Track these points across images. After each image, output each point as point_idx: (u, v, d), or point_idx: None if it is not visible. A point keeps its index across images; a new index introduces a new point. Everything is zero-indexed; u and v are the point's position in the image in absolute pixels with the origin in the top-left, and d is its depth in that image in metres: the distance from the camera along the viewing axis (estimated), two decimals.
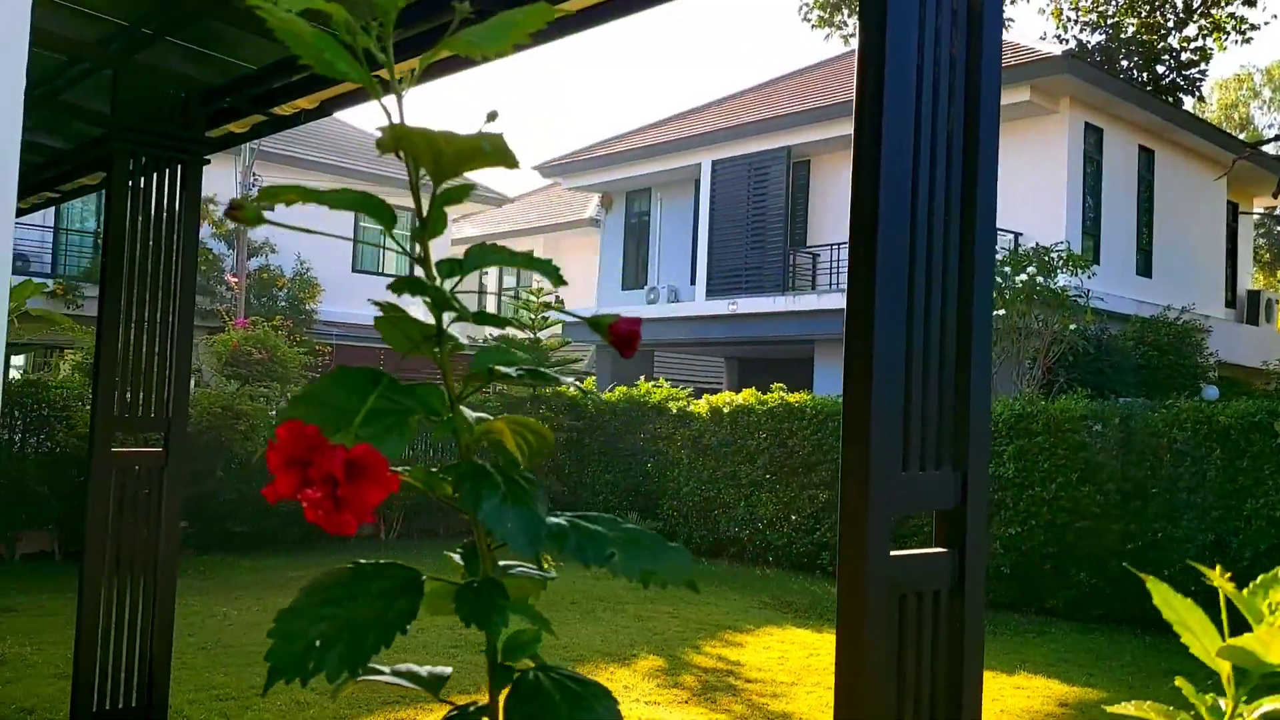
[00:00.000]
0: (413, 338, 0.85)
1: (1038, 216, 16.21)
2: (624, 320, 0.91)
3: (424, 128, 0.85)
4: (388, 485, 0.74)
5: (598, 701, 0.81)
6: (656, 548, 0.90)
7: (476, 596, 0.82)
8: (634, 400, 14.49)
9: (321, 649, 0.73)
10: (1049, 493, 9.93)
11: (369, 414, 0.74)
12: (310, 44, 0.81)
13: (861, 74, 2.29)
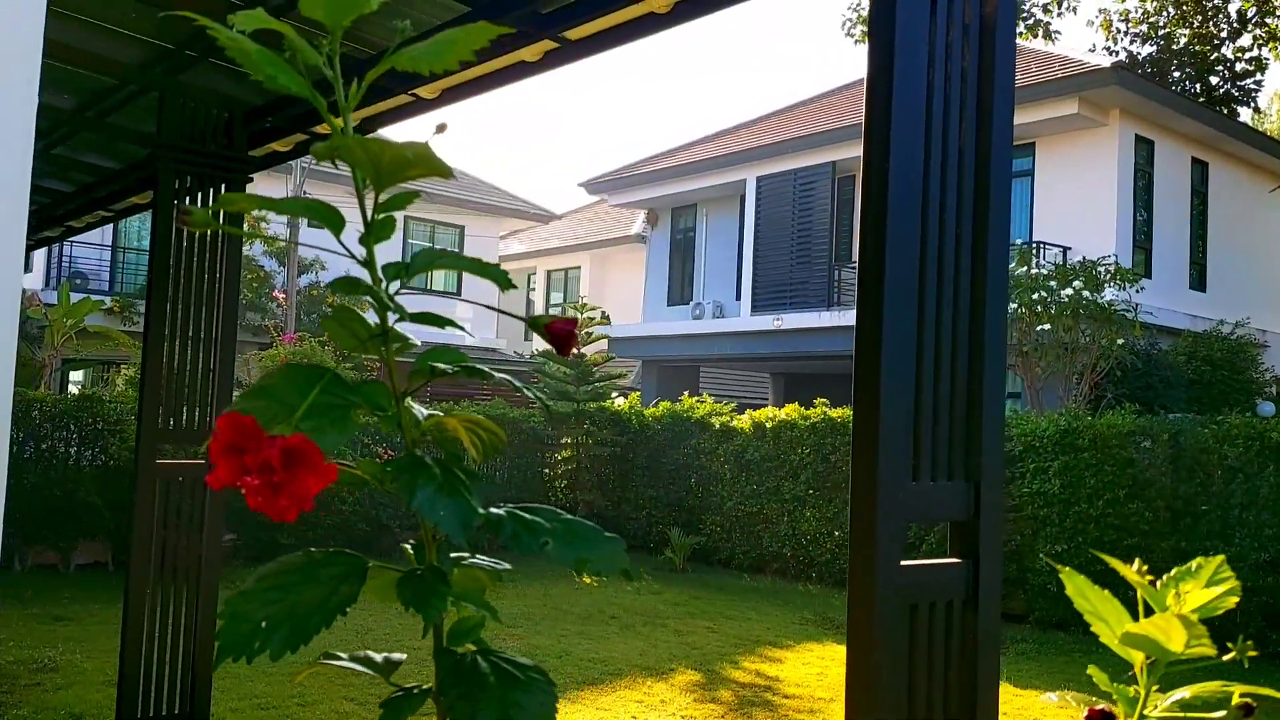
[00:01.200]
0: (360, 336, 0.88)
1: (1087, 230, 16.01)
2: (560, 320, 0.94)
3: (361, 137, 0.89)
4: (326, 475, 0.77)
5: (534, 684, 0.84)
6: (592, 537, 0.93)
7: (418, 584, 0.85)
8: (677, 415, 14.50)
9: (267, 630, 0.76)
10: (1096, 509, 9.78)
11: (311, 407, 0.78)
12: (255, 61, 0.85)
13: (871, 87, 2.31)
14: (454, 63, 0.95)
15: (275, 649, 0.76)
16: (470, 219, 26.22)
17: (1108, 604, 0.99)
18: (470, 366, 0.92)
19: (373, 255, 0.90)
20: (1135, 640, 0.97)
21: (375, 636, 8.50)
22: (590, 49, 4.31)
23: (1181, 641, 0.96)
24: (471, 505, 0.82)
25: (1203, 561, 1.02)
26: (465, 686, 0.82)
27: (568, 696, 6.96)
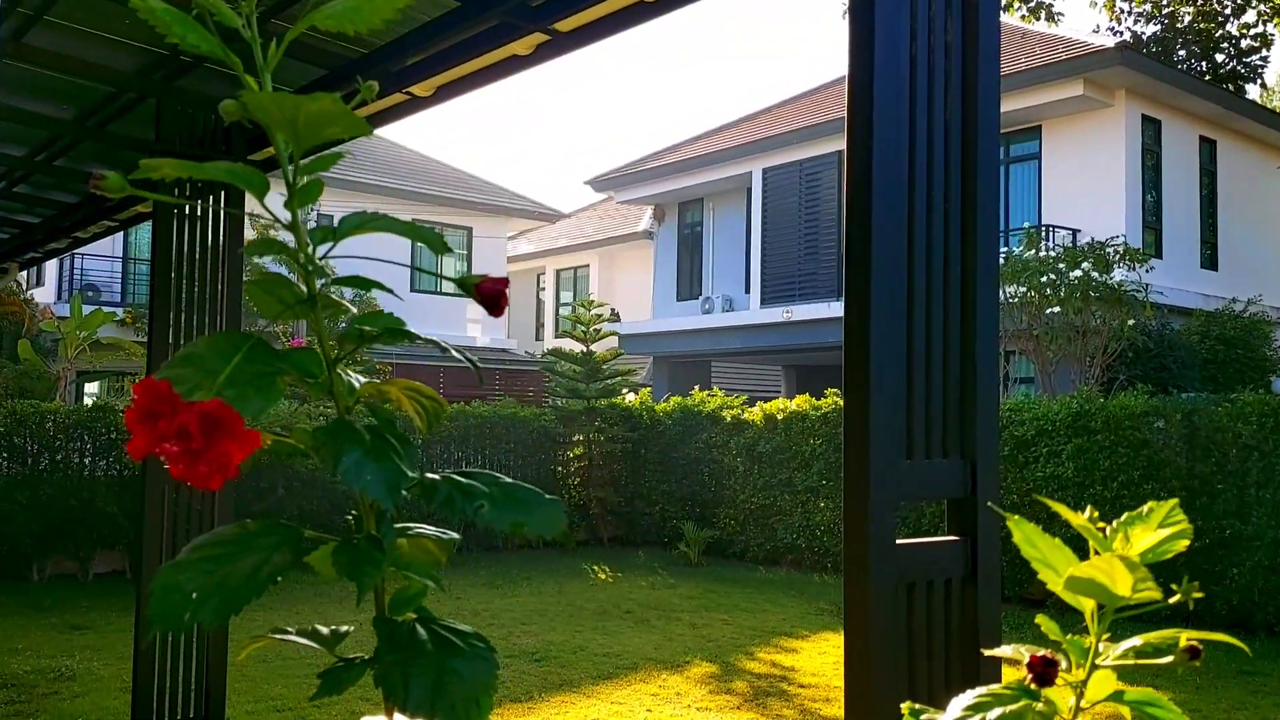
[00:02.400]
0: (285, 301, 0.88)
1: (1096, 212, 15.93)
2: (489, 280, 0.93)
3: (275, 94, 0.87)
4: (249, 442, 0.77)
5: (474, 651, 0.83)
6: (530, 500, 0.92)
7: (352, 552, 0.84)
8: (688, 409, 14.49)
9: (198, 601, 0.76)
10: (1111, 492, 9.72)
11: (235, 374, 0.77)
12: (163, 20, 0.84)
13: (853, 59, 2.29)
14: (378, 20, 0.93)
15: (206, 619, 0.76)
16: (478, 220, 26.25)
17: (1057, 552, 0.97)
18: (397, 330, 0.91)
19: (297, 218, 0.90)
20: (1079, 584, 0.96)
21: None
22: (581, 40, 4.31)
23: (1127, 584, 0.94)
24: (400, 470, 0.81)
25: (1154, 505, 1.01)
26: (402, 654, 0.81)
27: (582, 691, 6.96)
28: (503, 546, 14.16)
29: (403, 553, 0.89)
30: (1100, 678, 0.99)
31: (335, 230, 0.89)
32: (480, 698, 0.80)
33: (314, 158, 0.92)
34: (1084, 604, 0.98)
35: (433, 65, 4.78)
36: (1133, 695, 0.99)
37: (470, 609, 9.90)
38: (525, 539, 14.36)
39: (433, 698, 0.78)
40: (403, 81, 4.99)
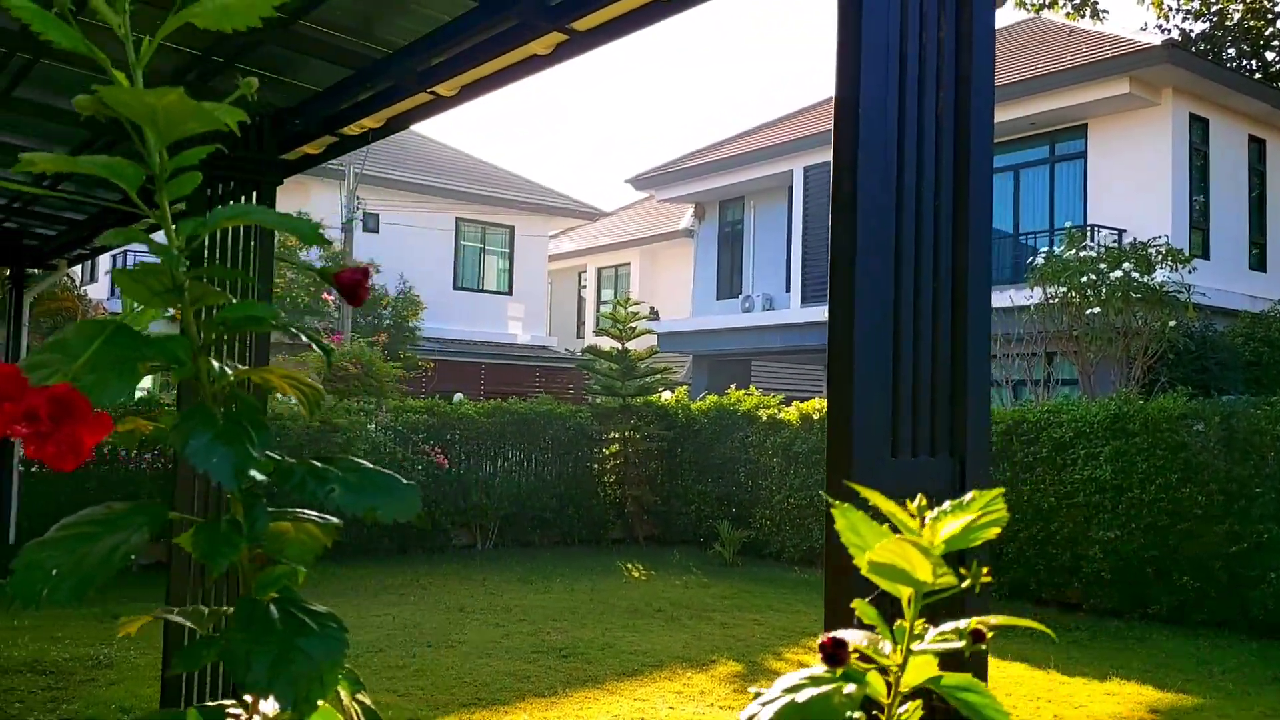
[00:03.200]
0: (153, 289, 0.91)
1: (1142, 212, 15.69)
2: (348, 269, 0.96)
3: (139, 89, 0.90)
4: (100, 426, 0.80)
5: (325, 630, 0.86)
6: (386, 485, 0.95)
7: (210, 533, 0.88)
8: (724, 409, 14.48)
9: (56, 579, 0.79)
10: (1149, 495, 9.58)
11: (95, 360, 0.81)
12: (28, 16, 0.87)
13: (840, 53, 2.30)
14: (254, 18, 0.96)
15: (62, 598, 0.79)
16: (520, 219, 26.41)
17: (880, 539, 0.98)
18: (255, 318, 0.94)
19: (165, 210, 0.93)
20: (882, 569, 0.97)
21: (422, 630, 8.61)
22: (599, 39, 4.34)
23: (926, 570, 0.95)
24: (248, 453, 0.84)
25: (977, 494, 1.01)
26: (252, 631, 0.84)
27: (606, 687, 7.00)
28: (538, 543, 14.25)
29: (287, 537, 0.92)
30: (919, 663, 1.00)
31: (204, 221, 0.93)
32: (325, 675, 0.83)
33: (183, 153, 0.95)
34: (900, 590, 1.00)
35: (455, 65, 4.83)
36: (949, 680, 1.00)
37: (503, 604, 9.98)
38: (559, 536, 14.44)
39: (271, 675, 0.81)
40: (427, 81, 5.05)
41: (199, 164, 4.08)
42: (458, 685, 6.91)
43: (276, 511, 0.94)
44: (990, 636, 1.02)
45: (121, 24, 0.90)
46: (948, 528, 0.98)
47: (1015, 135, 17.67)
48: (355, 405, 12.72)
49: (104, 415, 0.81)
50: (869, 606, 1.05)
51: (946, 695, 0.99)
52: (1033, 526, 10.40)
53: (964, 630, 0.99)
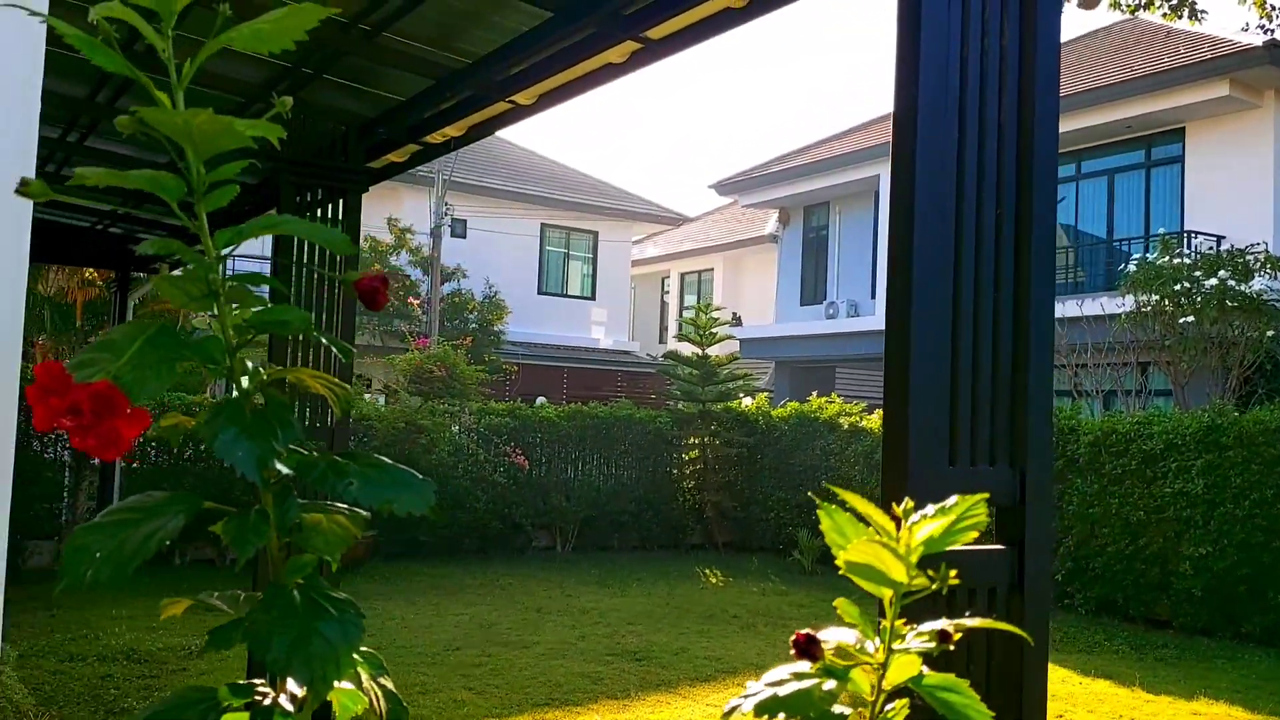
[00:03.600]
0: (191, 294, 0.97)
1: (1242, 219, 15.17)
2: (367, 276, 1.01)
3: (180, 110, 0.96)
4: (138, 420, 0.87)
5: (343, 616, 0.91)
6: (403, 480, 1.00)
7: (240, 522, 0.93)
8: (805, 416, 14.39)
9: (99, 561, 0.86)
10: (1242, 510, 9.27)
11: (135, 357, 0.87)
12: (77, 43, 0.93)
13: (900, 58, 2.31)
14: (288, 41, 1.01)
15: (104, 578, 0.85)
16: (604, 224, 26.59)
17: (864, 543, 1.00)
18: (279, 321, 0.99)
19: (203, 220, 0.99)
20: (858, 569, 0.98)
21: (499, 630, 8.74)
22: (672, 47, 4.38)
23: (900, 570, 0.96)
24: (271, 447, 0.90)
25: (961, 499, 1.02)
26: (274, 614, 0.90)
27: (679, 692, 7.02)
28: (617, 546, 14.33)
29: (320, 528, 0.98)
30: (903, 662, 1.01)
31: (240, 232, 0.99)
32: (341, 657, 0.88)
33: (221, 167, 1.00)
34: (882, 592, 1.01)
35: (533, 74, 4.93)
36: (931, 680, 1.01)
37: (579, 606, 10.07)
38: (637, 540, 14.51)
39: (290, 654, 0.86)
40: (506, 90, 5.15)
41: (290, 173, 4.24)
42: (532, 685, 7.00)
43: (309, 504, 1.00)
44: (958, 638, 1.03)
45: (165, 49, 0.97)
46: (924, 530, 1.00)
47: (1110, 139, 17.25)
48: (440, 407, 12.95)
49: (142, 411, 0.87)
50: (850, 605, 1.07)
51: (926, 695, 1.00)
52: (1121, 541, 10.14)
53: (934, 632, 1.00)
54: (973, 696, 1.00)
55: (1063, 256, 18.23)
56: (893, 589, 1.00)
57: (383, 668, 1.07)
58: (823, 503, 1.07)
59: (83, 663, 7.08)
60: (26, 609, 8.62)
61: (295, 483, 0.97)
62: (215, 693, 0.96)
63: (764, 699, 0.97)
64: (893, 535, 1.00)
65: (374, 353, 20.67)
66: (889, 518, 1.03)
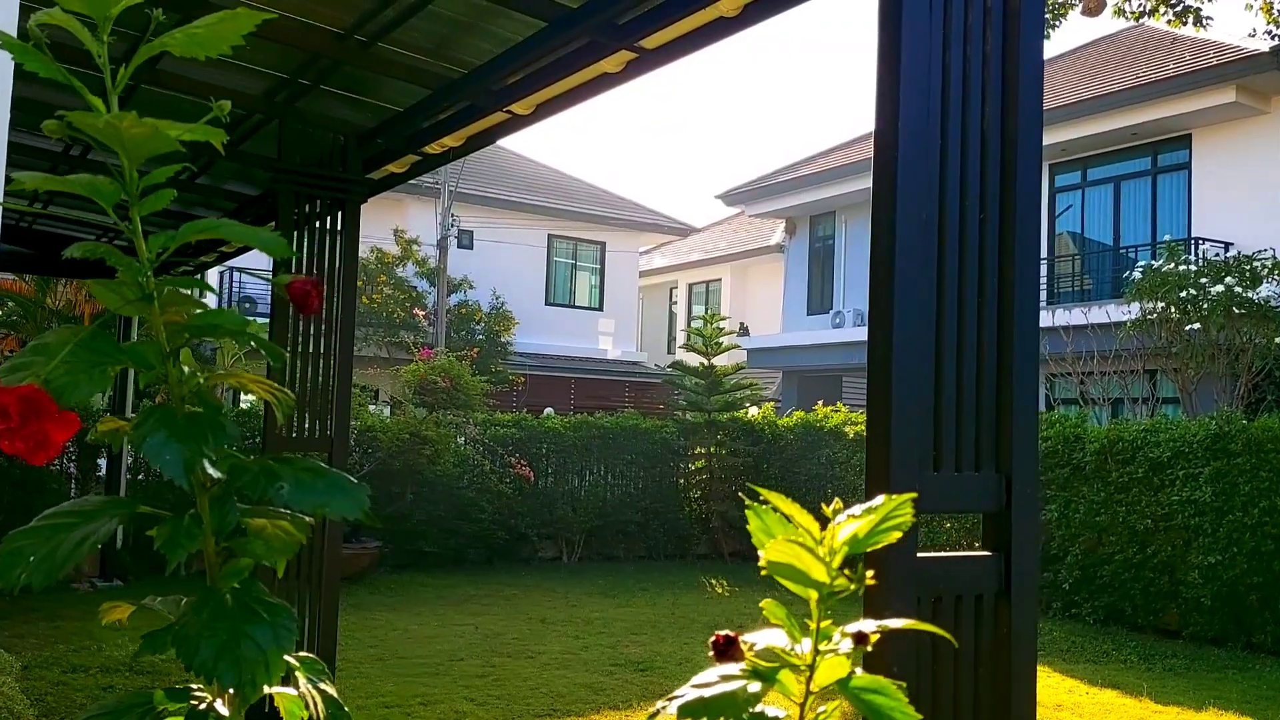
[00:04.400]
0: (125, 297, 0.96)
1: (1250, 225, 15.12)
2: (299, 280, 1.00)
3: (113, 114, 0.95)
4: (68, 424, 0.86)
5: (275, 620, 0.90)
6: (337, 484, 0.98)
7: (173, 526, 0.92)
8: (810, 425, 14.36)
9: (33, 565, 0.85)
10: (1251, 518, 9.20)
11: (69, 360, 0.86)
12: (9, 48, 0.92)
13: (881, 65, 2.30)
14: (226, 47, 1.01)
15: (36, 580, 0.85)
16: (611, 235, 26.62)
17: (790, 546, 0.98)
18: (216, 325, 0.99)
19: (137, 224, 0.98)
20: (780, 569, 0.97)
21: (503, 640, 8.72)
22: (667, 57, 4.38)
23: (821, 571, 0.95)
24: (199, 450, 0.89)
25: (887, 499, 1.00)
26: (204, 617, 0.89)
27: None
28: (623, 556, 14.30)
29: (264, 533, 0.97)
30: (831, 663, 0.99)
31: (173, 236, 0.98)
32: (271, 661, 0.87)
33: (154, 170, 1.00)
34: (809, 593, 1.00)
35: (530, 84, 4.93)
36: (859, 681, 0.99)
37: (584, 617, 10.05)
38: (644, 550, 14.47)
39: (217, 658, 0.86)
40: (503, 100, 5.16)
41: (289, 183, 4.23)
42: (534, 696, 6.98)
43: (253, 509, 0.99)
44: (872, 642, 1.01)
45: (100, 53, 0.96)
46: (846, 530, 0.98)
47: (1117, 146, 17.22)
48: (445, 418, 12.95)
49: (71, 414, 0.87)
50: (777, 607, 1.05)
51: (851, 697, 0.99)
52: (1128, 549, 10.08)
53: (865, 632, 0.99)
54: (900, 698, 0.98)
55: (1069, 264, 18.18)
56: (816, 590, 0.98)
57: (325, 673, 1.06)
58: (750, 502, 1.05)
59: (85, 674, 7.08)
60: (29, 620, 8.63)
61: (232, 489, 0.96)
62: (151, 697, 0.95)
63: (689, 700, 0.96)
64: (816, 536, 0.99)
65: (380, 364, 20.70)
66: (815, 519, 1.01)
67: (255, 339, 1.09)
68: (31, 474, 10.63)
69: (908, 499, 0.98)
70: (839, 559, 0.97)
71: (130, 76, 1.00)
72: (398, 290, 21.95)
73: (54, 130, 0.95)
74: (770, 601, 1.05)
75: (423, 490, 12.69)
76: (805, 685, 1.00)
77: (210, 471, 0.90)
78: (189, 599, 0.93)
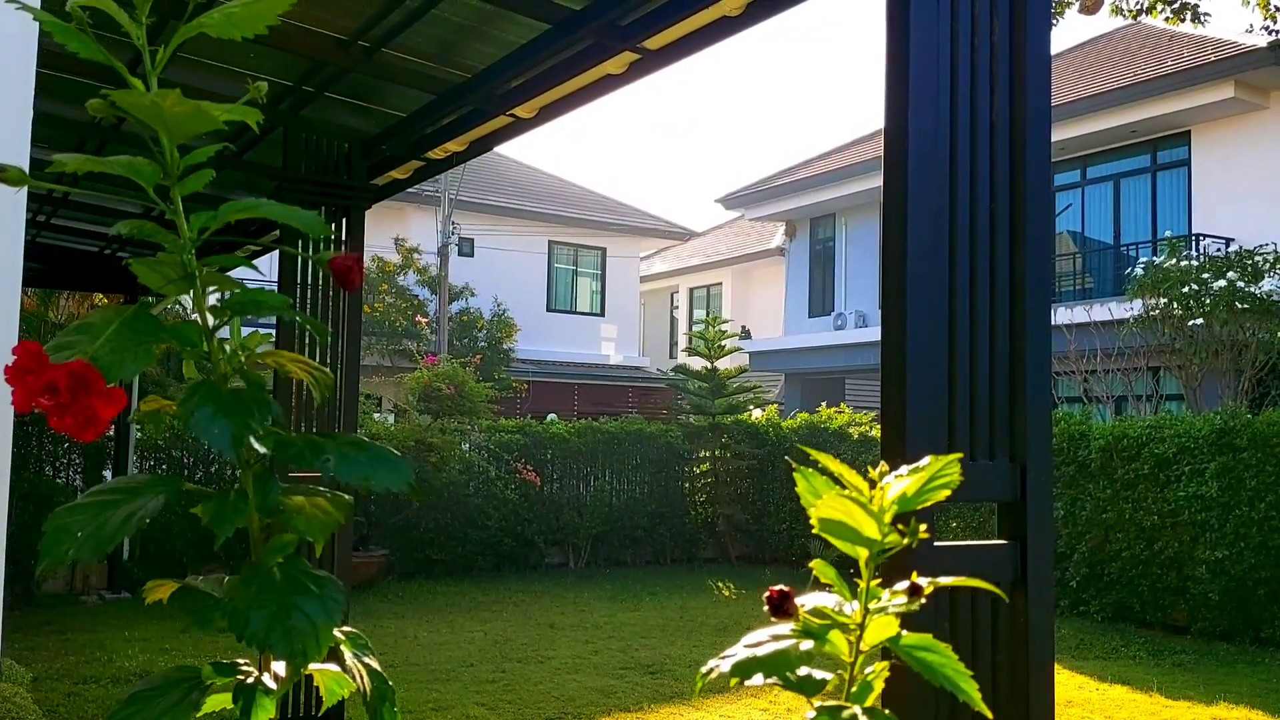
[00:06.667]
0: (168, 277, 0.97)
1: (1251, 220, 15.11)
2: (342, 256, 1.01)
3: (155, 92, 0.96)
4: (114, 400, 0.87)
5: (324, 592, 0.91)
6: (380, 457, 1.00)
7: (219, 503, 0.93)
8: (814, 426, 14.38)
9: (80, 540, 0.86)
10: (1258, 512, 9.20)
11: (113, 339, 0.87)
12: (51, 27, 0.93)
13: (889, 57, 2.32)
14: (262, 26, 1.02)
15: (84, 556, 0.86)
16: (612, 240, 26.63)
17: (840, 501, 0.99)
18: (259, 302, 1.00)
19: (178, 203, 0.99)
20: (830, 526, 0.98)
21: (513, 646, 8.72)
22: (670, 57, 4.40)
23: (872, 528, 0.96)
24: (247, 424, 0.90)
25: (934, 459, 1.02)
26: (252, 590, 0.90)
27: (693, 704, 7.00)
28: (630, 561, 14.30)
29: (303, 511, 0.98)
30: (881, 623, 1.00)
31: (215, 215, 0.99)
32: (321, 632, 0.88)
33: (194, 151, 1.01)
34: (858, 552, 1.01)
35: (533, 87, 4.94)
36: (909, 640, 1.01)
37: (593, 621, 10.05)
38: (651, 555, 14.47)
39: (268, 629, 0.87)
40: (506, 104, 5.18)
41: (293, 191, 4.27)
42: (545, 700, 6.98)
43: (291, 487, 1.01)
44: (926, 594, 1.02)
45: (140, 35, 0.98)
46: (895, 488, 0.99)
47: (1115, 144, 17.24)
48: (450, 425, 12.96)
49: (118, 390, 0.88)
50: (827, 566, 1.06)
51: (903, 654, 1.00)
52: (1136, 546, 10.08)
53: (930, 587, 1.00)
54: (950, 655, 0.99)
55: (1070, 262, 18.18)
56: (867, 547, 0.99)
57: (367, 647, 1.07)
58: (798, 466, 1.06)
59: (96, 685, 7.09)
60: (41, 632, 8.64)
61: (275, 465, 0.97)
62: (199, 672, 0.96)
63: (741, 659, 0.97)
64: (866, 494, 1.00)
65: (383, 372, 20.71)
66: (863, 479, 1.03)
67: (300, 316, 1.10)
68: (39, 487, 10.65)
69: (954, 458, 0.99)
70: (890, 515, 0.99)
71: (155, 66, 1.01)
72: (399, 299, 21.97)
73: (98, 109, 0.96)
74: (820, 561, 1.06)
75: (429, 498, 12.69)
76: (855, 644, 1.01)
77: (256, 447, 0.91)
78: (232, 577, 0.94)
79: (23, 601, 9.95)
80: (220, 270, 1.00)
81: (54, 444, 11.42)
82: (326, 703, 1.07)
